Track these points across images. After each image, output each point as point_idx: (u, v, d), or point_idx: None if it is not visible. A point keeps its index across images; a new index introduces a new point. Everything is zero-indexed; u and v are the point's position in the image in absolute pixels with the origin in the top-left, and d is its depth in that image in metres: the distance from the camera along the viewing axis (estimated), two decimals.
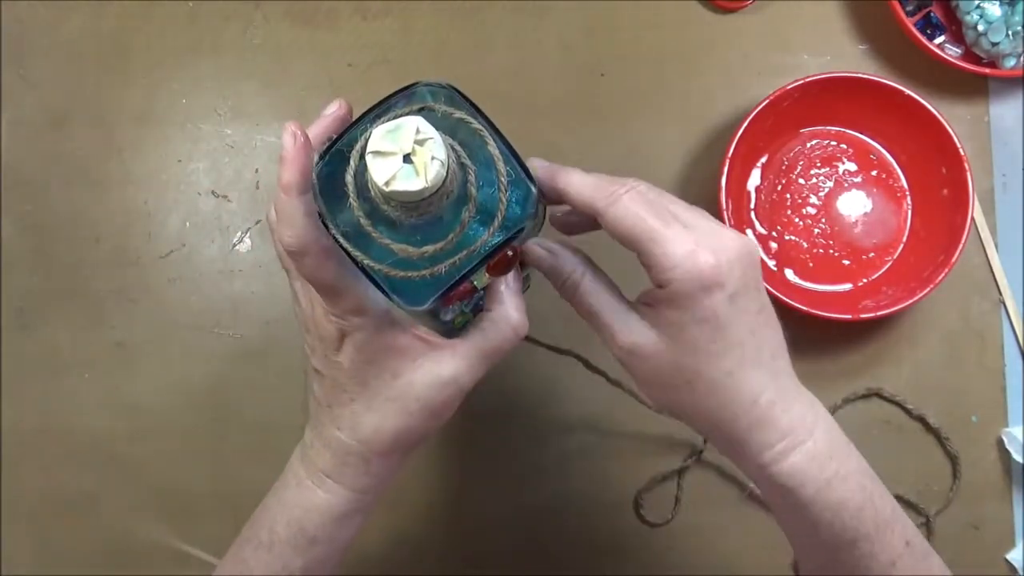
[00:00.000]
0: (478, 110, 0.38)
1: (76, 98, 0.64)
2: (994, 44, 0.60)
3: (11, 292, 0.62)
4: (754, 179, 0.62)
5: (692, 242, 0.36)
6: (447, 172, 0.35)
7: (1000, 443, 0.61)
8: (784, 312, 0.57)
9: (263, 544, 0.43)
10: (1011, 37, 0.59)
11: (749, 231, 0.62)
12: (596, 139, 0.63)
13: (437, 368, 0.40)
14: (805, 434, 0.38)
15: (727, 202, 0.58)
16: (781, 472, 0.38)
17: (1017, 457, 0.60)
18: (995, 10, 0.59)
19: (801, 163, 0.63)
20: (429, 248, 0.36)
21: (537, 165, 0.40)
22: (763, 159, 0.63)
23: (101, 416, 0.62)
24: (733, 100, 0.63)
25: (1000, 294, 0.62)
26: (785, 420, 0.38)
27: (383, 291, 0.37)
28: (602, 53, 0.64)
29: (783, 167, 0.63)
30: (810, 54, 0.64)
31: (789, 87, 0.58)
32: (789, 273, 0.62)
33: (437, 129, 0.34)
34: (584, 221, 0.42)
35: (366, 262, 0.36)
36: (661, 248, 0.36)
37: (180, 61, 0.64)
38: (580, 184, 0.38)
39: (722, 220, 0.57)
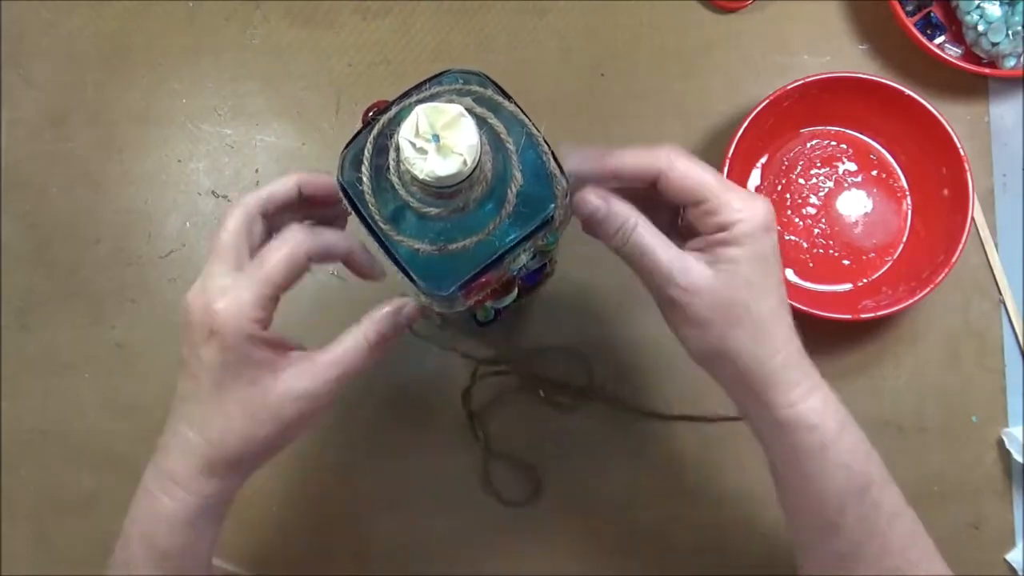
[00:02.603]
0: (509, 97, 0.38)
1: (76, 98, 0.64)
2: (994, 44, 0.60)
3: (11, 292, 0.62)
4: (754, 179, 0.63)
5: (747, 192, 0.40)
6: (479, 155, 0.35)
7: (1000, 443, 0.61)
8: None
9: (121, 566, 0.43)
10: (1011, 37, 0.59)
11: None
12: (596, 139, 0.63)
13: (293, 382, 0.40)
14: (819, 378, 0.41)
15: None
16: (808, 410, 0.40)
17: (1017, 457, 0.60)
18: (995, 10, 0.59)
19: (801, 163, 0.63)
20: (468, 242, 0.37)
21: (573, 151, 0.40)
22: (763, 159, 0.63)
23: (101, 416, 0.62)
24: (733, 100, 0.63)
25: (1000, 294, 0.62)
26: (807, 362, 0.41)
27: (406, 272, 0.38)
28: (602, 53, 0.64)
29: (783, 167, 0.63)
30: (810, 54, 0.64)
31: (789, 87, 0.58)
32: (789, 273, 0.62)
33: (471, 115, 0.35)
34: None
35: (399, 238, 0.37)
36: (728, 196, 0.39)
37: (180, 61, 0.64)
38: (633, 156, 0.40)
39: None
